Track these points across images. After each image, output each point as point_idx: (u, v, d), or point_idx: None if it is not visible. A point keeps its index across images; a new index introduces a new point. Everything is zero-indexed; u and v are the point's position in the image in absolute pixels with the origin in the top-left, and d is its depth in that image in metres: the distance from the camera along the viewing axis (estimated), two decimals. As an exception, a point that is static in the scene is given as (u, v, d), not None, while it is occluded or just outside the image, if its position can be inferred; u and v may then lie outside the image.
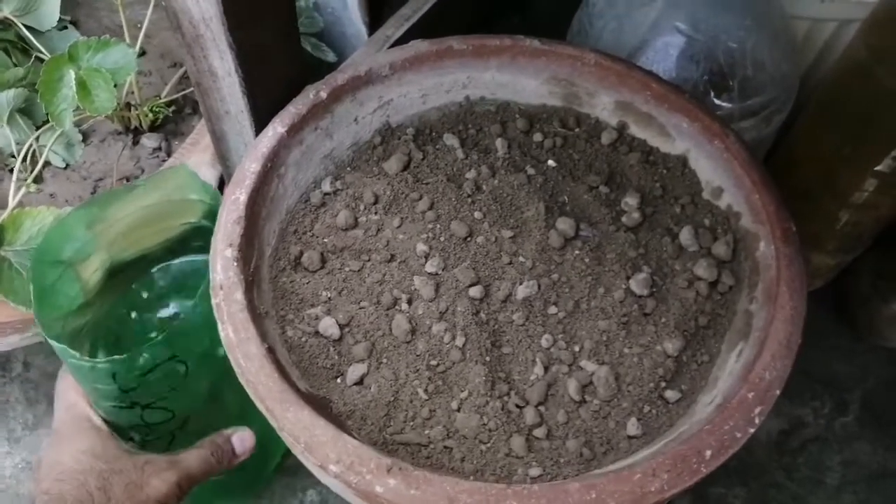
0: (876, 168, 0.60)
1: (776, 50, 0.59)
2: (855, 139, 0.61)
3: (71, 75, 0.54)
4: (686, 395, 0.44)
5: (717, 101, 0.58)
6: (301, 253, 0.49)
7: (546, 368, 0.45)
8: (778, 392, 0.39)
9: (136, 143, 0.66)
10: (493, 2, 0.97)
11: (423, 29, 0.70)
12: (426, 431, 0.42)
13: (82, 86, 0.54)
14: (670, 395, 0.44)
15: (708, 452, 0.37)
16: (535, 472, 0.41)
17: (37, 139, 0.62)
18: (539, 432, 0.43)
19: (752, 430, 0.38)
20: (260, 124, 0.51)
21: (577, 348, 0.46)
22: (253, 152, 0.49)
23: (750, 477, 0.70)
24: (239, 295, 0.42)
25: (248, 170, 0.48)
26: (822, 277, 0.76)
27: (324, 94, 0.51)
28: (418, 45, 0.55)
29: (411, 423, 0.43)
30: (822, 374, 0.75)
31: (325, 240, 0.50)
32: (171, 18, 0.46)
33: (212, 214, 0.50)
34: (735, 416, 0.38)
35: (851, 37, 0.61)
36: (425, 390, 0.44)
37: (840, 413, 0.73)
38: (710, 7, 0.57)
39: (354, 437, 0.38)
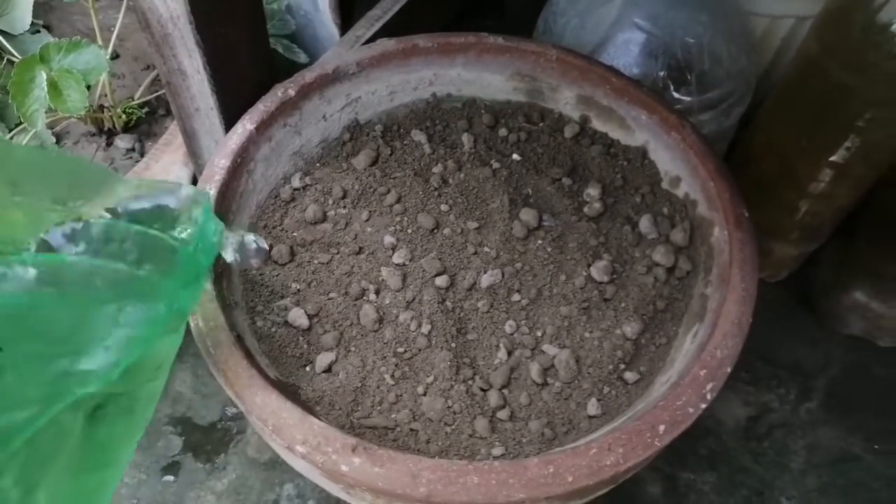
0: (831, 159, 0.62)
1: (733, 45, 0.61)
2: (810, 131, 0.63)
3: (42, 76, 0.55)
4: (644, 376, 0.46)
5: (676, 95, 0.60)
6: (271, 247, 0.50)
7: (509, 353, 0.46)
8: (729, 369, 0.41)
9: (109, 144, 0.67)
10: (465, 3, 0.99)
11: (394, 30, 0.71)
12: (393, 415, 0.44)
13: (53, 86, 0.55)
14: (629, 376, 0.46)
15: (662, 427, 0.39)
16: (497, 451, 0.42)
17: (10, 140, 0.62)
18: (502, 414, 0.44)
19: (703, 406, 0.40)
20: (229, 122, 0.52)
21: (539, 333, 0.47)
22: (222, 149, 0.50)
23: (719, 462, 0.71)
24: (208, 286, 0.43)
25: (217, 166, 0.49)
26: (787, 267, 0.78)
27: (292, 92, 0.53)
28: (385, 44, 0.56)
29: (378, 408, 0.44)
30: (788, 362, 0.77)
31: (295, 234, 0.51)
32: (140, 18, 0.47)
33: None
34: (688, 393, 0.40)
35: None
36: (392, 376, 0.45)
37: (805, 399, 0.75)
38: (667, 4, 0.59)
39: (321, 420, 0.39)
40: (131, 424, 0.34)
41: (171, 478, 0.67)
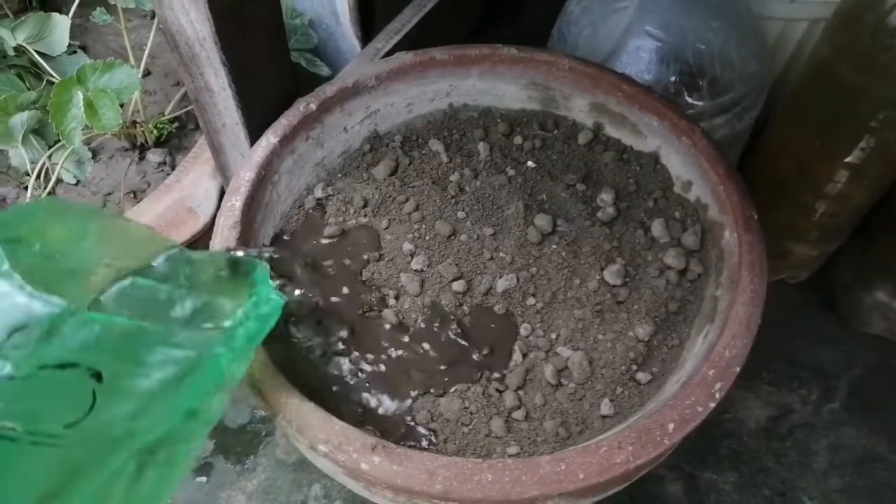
0: (846, 160, 0.63)
1: (744, 50, 0.61)
2: (825, 133, 0.63)
3: (79, 96, 0.58)
4: (657, 377, 0.47)
5: (688, 100, 0.61)
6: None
7: (524, 355, 0.48)
8: (738, 369, 0.42)
9: (142, 158, 0.70)
10: (482, 14, 1.01)
11: (413, 41, 0.74)
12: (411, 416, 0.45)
13: (90, 106, 0.58)
14: (641, 376, 0.47)
15: (671, 426, 0.40)
16: (513, 450, 0.44)
17: (49, 157, 0.66)
18: (518, 414, 0.46)
19: (712, 405, 0.41)
20: (254, 136, 0.54)
21: (553, 336, 0.49)
22: (247, 162, 0.52)
23: (740, 462, 0.72)
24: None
25: (243, 178, 0.51)
26: (807, 268, 0.78)
27: (314, 106, 0.55)
28: (402, 57, 0.58)
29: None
30: (810, 362, 0.77)
31: (317, 242, 0.53)
32: (169, 40, 0.50)
33: None
34: (697, 392, 0.41)
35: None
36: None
37: (827, 399, 0.75)
38: (679, 11, 0.60)
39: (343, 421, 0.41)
40: (176, 470, 0.36)
41: (203, 478, 0.70)
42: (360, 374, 0.47)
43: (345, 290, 0.51)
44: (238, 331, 0.37)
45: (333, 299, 0.50)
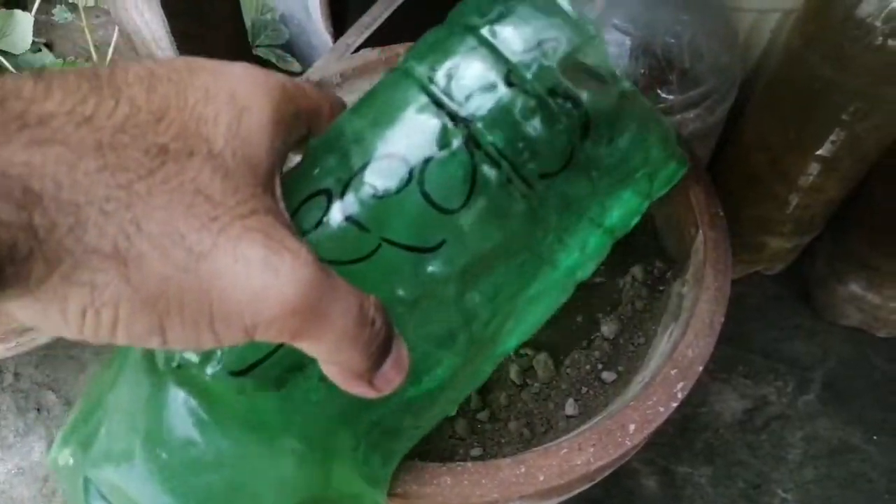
0: (817, 152, 0.62)
1: (715, 42, 0.61)
2: (797, 125, 0.63)
3: (39, 96, 0.57)
4: (622, 376, 0.47)
5: (659, 94, 0.60)
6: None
7: (489, 355, 0.48)
8: (700, 368, 0.42)
9: (109, 157, 0.69)
10: (453, 7, 1.00)
11: (384, 36, 0.73)
12: (375, 418, 0.45)
13: (50, 106, 0.57)
14: (606, 375, 0.47)
15: (632, 426, 0.40)
16: (476, 452, 0.43)
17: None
18: (482, 415, 0.45)
19: (674, 405, 0.41)
20: (217, 135, 0.54)
21: (519, 335, 0.48)
22: (209, 162, 0.51)
23: (716, 455, 0.72)
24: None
25: (204, 179, 0.50)
26: (782, 260, 0.78)
27: (277, 105, 0.54)
28: (367, 54, 0.58)
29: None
30: (786, 355, 0.78)
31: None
32: (126, 40, 0.49)
33: None
34: (658, 392, 0.41)
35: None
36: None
37: (803, 391, 0.75)
38: (647, 5, 0.59)
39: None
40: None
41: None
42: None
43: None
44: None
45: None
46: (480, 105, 0.29)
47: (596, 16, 0.60)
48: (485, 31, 0.30)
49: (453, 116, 0.29)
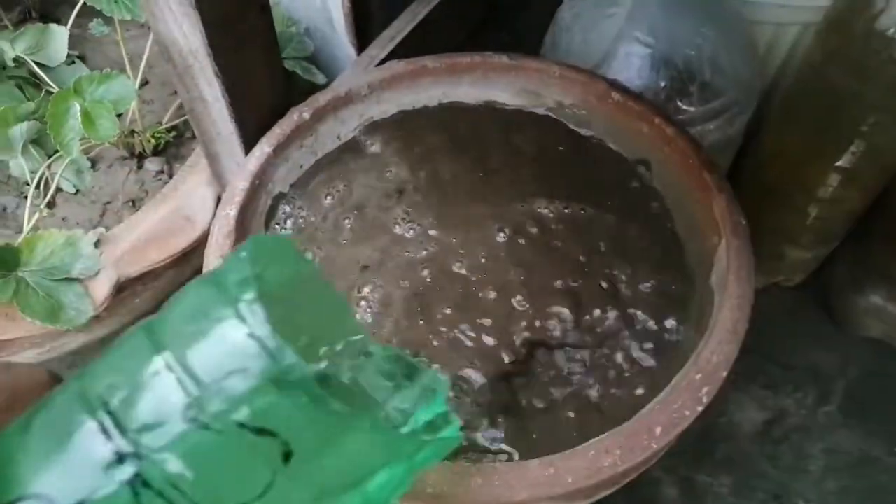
0: (837, 164, 0.63)
1: (735, 55, 0.62)
2: (816, 137, 0.64)
3: (76, 107, 0.59)
4: (646, 381, 0.47)
5: (680, 106, 0.61)
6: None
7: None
8: (724, 374, 0.42)
9: (140, 167, 0.71)
10: (479, 20, 1.02)
11: (408, 49, 0.74)
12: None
13: (87, 117, 0.59)
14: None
15: (658, 429, 0.40)
16: (505, 455, 0.44)
17: (49, 167, 0.66)
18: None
19: (699, 409, 0.41)
20: (249, 145, 0.55)
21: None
22: (242, 171, 0.53)
23: (736, 466, 0.72)
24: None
25: (237, 187, 0.52)
26: (801, 271, 0.78)
27: (307, 115, 0.56)
28: (394, 66, 0.59)
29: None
30: (806, 366, 0.78)
31: (312, 249, 0.54)
32: (163, 51, 0.51)
33: None
34: (684, 396, 0.41)
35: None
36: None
37: (823, 403, 0.75)
38: (669, 17, 0.60)
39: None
40: None
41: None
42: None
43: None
44: (421, 448, 0.31)
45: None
46: (156, 439, 0.26)
47: (618, 29, 0.61)
48: (171, 360, 0.27)
49: (120, 451, 0.26)
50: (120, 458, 0.26)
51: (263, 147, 0.54)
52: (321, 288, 0.34)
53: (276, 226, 0.54)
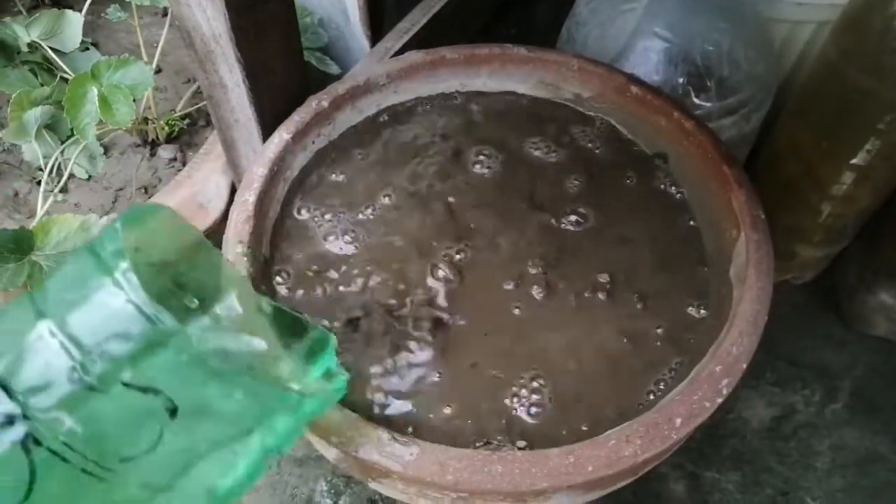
0: (852, 161, 0.63)
1: (751, 51, 0.62)
2: (831, 134, 0.64)
3: (94, 92, 0.59)
4: (664, 373, 0.48)
5: (696, 101, 0.61)
6: (306, 249, 0.53)
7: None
8: (744, 365, 0.43)
9: (153, 154, 0.71)
10: (489, 15, 1.02)
11: (422, 41, 0.74)
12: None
13: (104, 101, 0.59)
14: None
15: (678, 420, 0.41)
16: (522, 442, 0.44)
17: (62, 153, 0.66)
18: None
19: (719, 400, 0.41)
20: (267, 132, 0.55)
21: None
22: (260, 158, 0.53)
23: (744, 462, 0.72)
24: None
25: (256, 174, 0.52)
26: (812, 269, 0.79)
27: (325, 103, 0.56)
28: (413, 56, 0.59)
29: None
30: (814, 363, 0.78)
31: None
32: (185, 36, 0.51)
33: None
34: (704, 388, 0.42)
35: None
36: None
37: (830, 400, 0.76)
38: (686, 13, 0.60)
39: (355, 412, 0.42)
40: None
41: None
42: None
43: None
44: (306, 400, 0.33)
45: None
46: (44, 400, 0.28)
47: (636, 23, 0.61)
48: (53, 326, 0.29)
49: (9, 413, 0.28)
50: (10, 420, 0.27)
51: (283, 134, 0.53)
52: (206, 251, 0.36)
53: (296, 213, 0.54)
